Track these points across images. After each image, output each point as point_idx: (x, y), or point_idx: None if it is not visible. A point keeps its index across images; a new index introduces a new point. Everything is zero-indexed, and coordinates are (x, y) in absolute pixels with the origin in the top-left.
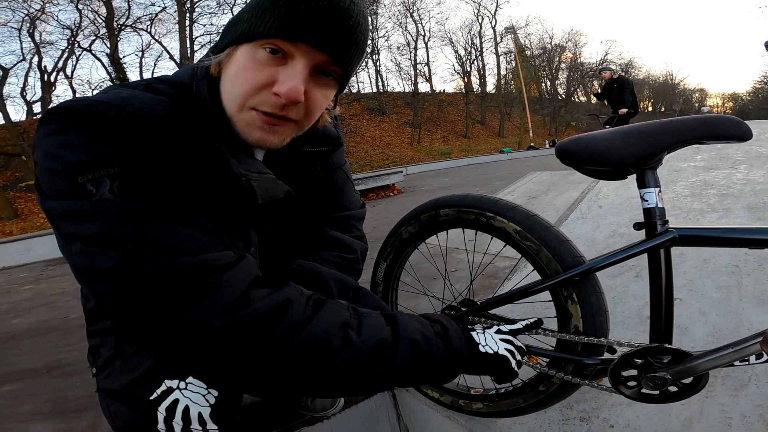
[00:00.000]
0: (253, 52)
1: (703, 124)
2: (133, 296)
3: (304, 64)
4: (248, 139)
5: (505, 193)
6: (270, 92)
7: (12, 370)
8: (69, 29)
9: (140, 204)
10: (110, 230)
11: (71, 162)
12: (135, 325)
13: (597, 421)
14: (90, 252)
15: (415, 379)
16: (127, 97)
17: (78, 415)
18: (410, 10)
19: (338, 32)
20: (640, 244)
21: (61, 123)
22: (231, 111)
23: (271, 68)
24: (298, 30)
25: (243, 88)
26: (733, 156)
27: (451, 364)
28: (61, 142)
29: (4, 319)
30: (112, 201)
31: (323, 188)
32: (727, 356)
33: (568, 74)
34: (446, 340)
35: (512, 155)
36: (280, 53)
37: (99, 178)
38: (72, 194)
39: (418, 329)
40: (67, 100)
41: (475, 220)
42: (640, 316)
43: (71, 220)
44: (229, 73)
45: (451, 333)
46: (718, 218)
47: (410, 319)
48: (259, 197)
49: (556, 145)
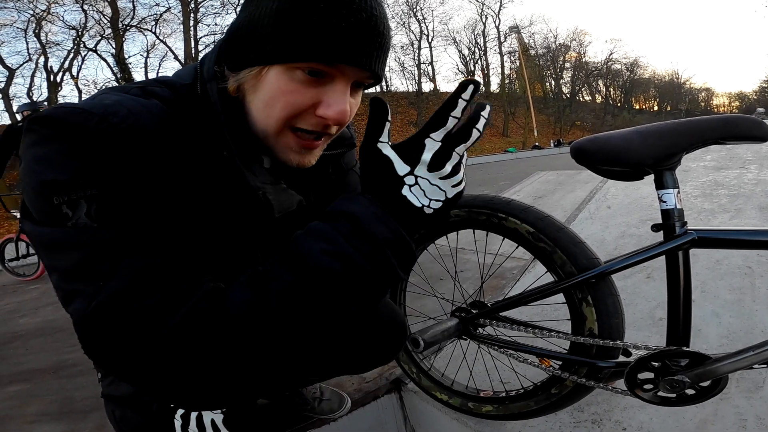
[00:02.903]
0: (290, 74)
1: (725, 124)
2: (98, 346)
3: (346, 83)
4: (286, 161)
5: (511, 193)
6: (313, 114)
7: (19, 370)
8: (74, 29)
9: (115, 233)
10: (82, 265)
11: (46, 180)
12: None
13: (609, 423)
14: (64, 289)
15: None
16: (111, 104)
17: (84, 417)
18: (414, 9)
19: (377, 47)
20: (658, 246)
21: (39, 134)
22: (268, 133)
23: (312, 90)
24: (341, 52)
25: (284, 113)
26: (743, 155)
27: (384, 262)
28: (38, 155)
29: (11, 319)
30: (87, 228)
31: (336, 192)
32: (747, 359)
33: (573, 73)
34: (362, 237)
35: (517, 155)
36: (321, 75)
37: (75, 200)
38: (48, 218)
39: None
40: (50, 107)
41: (486, 221)
42: (653, 317)
43: (46, 248)
44: (262, 96)
45: (365, 220)
46: (729, 219)
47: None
48: (276, 210)
49: (571, 144)
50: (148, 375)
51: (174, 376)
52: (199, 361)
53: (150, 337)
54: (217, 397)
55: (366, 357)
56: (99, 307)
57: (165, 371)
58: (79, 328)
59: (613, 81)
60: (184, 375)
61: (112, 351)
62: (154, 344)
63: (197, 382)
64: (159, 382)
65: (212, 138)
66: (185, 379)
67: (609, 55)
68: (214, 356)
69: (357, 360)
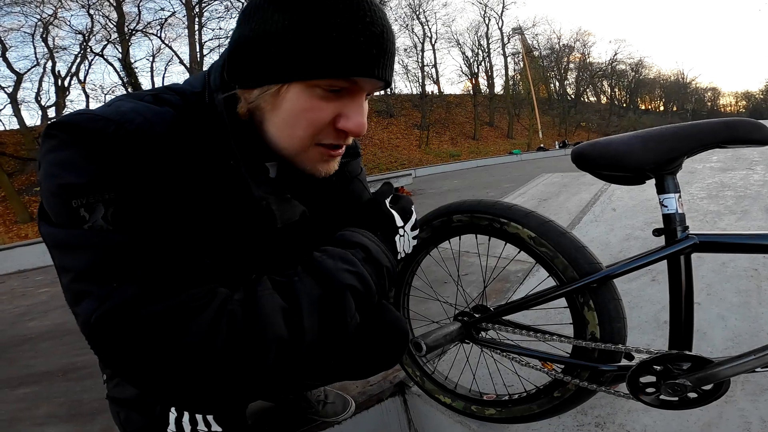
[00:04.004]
0: (310, 91)
1: (725, 128)
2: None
3: (363, 95)
4: (314, 172)
5: (515, 195)
6: (333, 128)
7: (28, 373)
8: (81, 34)
9: (130, 237)
10: (96, 267)
11: (66, 183)
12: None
13: (612, 426)
14: (74, 289)
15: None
16: (128, 111)
17: (92, 419)
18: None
19: (390, 57)
20: (659, 251)
21: (59, 139)
22: (292, 152)
23: (331, 104)
24: (361, 67)
25: (307, 131)
26: (749, 157)
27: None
28: (58, 160)
29: (21, 322)
30: (104, 231)
31: (340, 200)
32: (749, 363)
33: (578, 74)
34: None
35: (522, 156)
36: (339, 89)
37: (93, 203)
38: (66, 220)
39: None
40: (69, 114)
41: (488, 226)
42: (657, 320)
43: (61, 249)
44: (283, 114)
45: (374, 251)
46: (735, 220)
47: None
48: (279, 221)
49: (572, 149)
50: (160, 378)
51: (191, 380)
52: (226, 365)
53: (168, 341)
54: (228, 399)
55: (368, 363)
56: (114, 309)
57: (182, 375)
58: (88, 328)
59: (618, 81)
60: (202, 379)
61: (123, 353)
62: (174, 349)
63: (216, 385)
64: (170, 385)
65: (219, 147)
66: (202, 382)
67: (613, 56)
68: (244, 360)
69: (359, 366)
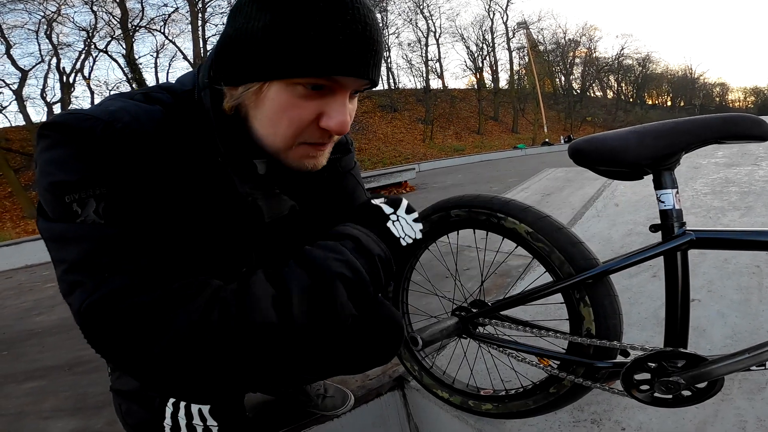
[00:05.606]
0: (291, 89)
1: (723, 123)
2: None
3: (345, 94)
4: (301, 168)
5: (519, 189)
6: (316, 126)
7: (35, 367)
8: (85, 30)
9: (120, 230)
10: (88, 258)
11: (59, 180)
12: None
13: (608, 423)
14: (67, 280)
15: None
16: (116, 110)
17: (97, 412)
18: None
19: (373, 55)
20: (655, 247)
21: (52, 138)
22: (277, 149)
23: (313, 103)
24: (341, 66)
25: (290, 130)
26: (755, 152)
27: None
28: (51, 158)
29: (28, 317)
30: (95, 224)
31: (332, 195)
32: (743, 361)
33: (583, 69)
34: (362, 252)
35: (526, 151)
36: (321, 87)
37: (85, 198)
38: (60, 215)
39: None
40: (60, 114)
41: (486, 221)
42: (657, 317)
43: (56, 242)
44: (265, 112)
45: (364, 241)
46: (739, 217)
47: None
48: (266, 216)
49: (569, 145)
50: (151, 365)
51: (182, 366)
52: (217, 351)
53: (158, 328)
54: (221, 390)
55: (364, 357)
56: (102, 299)
57: (173, 361)
58: (79, 317)
59: (625, 76)
60: (194, 365)
61: (113, 341)
62: (163, 335)
63: (208, 372)
64: (162, 372)
65: (207, 144)
66: (193, 369)
67: (620, 51)
68: (235, 345)
69: (355, 360)
